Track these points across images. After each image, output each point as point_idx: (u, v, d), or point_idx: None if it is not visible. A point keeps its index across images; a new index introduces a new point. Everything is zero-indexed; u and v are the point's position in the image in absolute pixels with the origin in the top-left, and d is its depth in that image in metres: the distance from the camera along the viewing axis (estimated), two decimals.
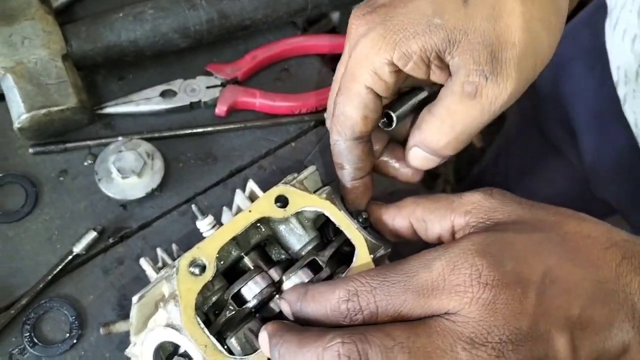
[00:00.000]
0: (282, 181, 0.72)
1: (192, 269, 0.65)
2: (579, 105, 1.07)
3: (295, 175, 0.73)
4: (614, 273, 0.55)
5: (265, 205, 0.69)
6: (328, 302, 0.57)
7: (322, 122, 1.02)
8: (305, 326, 0.58)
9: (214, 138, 0.98)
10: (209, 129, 0.98)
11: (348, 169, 0.71)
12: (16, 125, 0.87)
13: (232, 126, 0.99)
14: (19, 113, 0.86)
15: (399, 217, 0.70)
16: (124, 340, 0.83)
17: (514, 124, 1.38)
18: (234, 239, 0.69)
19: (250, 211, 0.69)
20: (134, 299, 0.65)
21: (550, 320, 0.52)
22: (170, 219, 0.93)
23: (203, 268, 0.66)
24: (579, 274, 0.54)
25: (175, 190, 0.94)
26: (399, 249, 0.73)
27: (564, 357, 0.52)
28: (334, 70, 1.09)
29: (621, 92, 0.97)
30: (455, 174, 2.46)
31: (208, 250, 0.66)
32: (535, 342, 0.51)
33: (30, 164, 0.93)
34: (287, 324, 0.60)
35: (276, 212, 0.69)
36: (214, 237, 0.67)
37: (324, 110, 1.01)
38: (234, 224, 0.68)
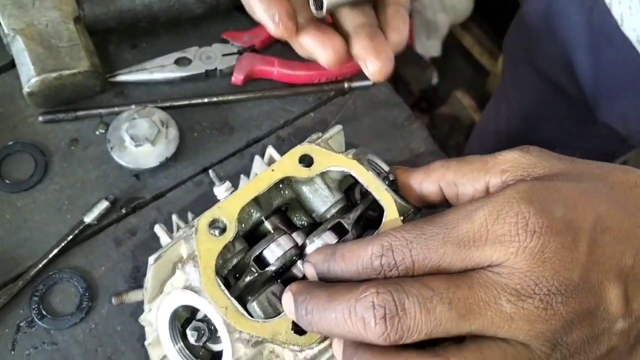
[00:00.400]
0: (307, 140, 0.68)
1: (212, 230, 0.61)
2: (572, 37, 1.04)
3: (320, 134, 0.69)
4: None
5: (288, 165, 0.65)
6: (360, 259, 0.53)
7: (343, 92, 0.99)
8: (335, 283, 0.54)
9: (230, 107, 0.95)
10: (225, 98, 0.94)
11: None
12: (26, 89, 0.83)
13: (249, 95, 0.95)
14: (29, 76, 0.82)
15: (428, 182, 0.66)
16: (136, 312, 0.79)
17: (509, 69, 1.34)
18: (255, 200, 0.65)
19: (273, 170, 0.65)
20: (150, 259, 0.62)
21: (602, 270, 0.48)
22: (185, 190, 0.89)
23: (223, 229, 0.62)
24: (630, 222, 0.50)
25: (190, 160, 0.91)
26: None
27: (616, 310, 0.48)
28: None
29: (616, 12, 0.93)
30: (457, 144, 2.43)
31: (229, 210, 0.62)
32: (586, 294, 0.48)
33: (40, 132, 0.90)
34: (314, 282, 0.56)
35: (300, 172, 0.65)
36: (236, 196, 0.63)
37: (345, 79, 0.98)
38: (257, 182, 0.64)
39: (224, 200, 0.63)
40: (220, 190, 0.71)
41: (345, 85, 0.98)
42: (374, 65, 0.65)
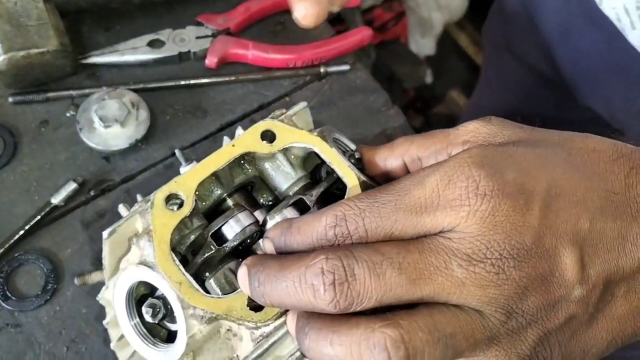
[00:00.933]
0: (270, 116, 0.67)
1: (169, 205, 0.60)
2: (550, 22, 1.02)
3: (284, 110, 0.68)
4: (623, 184, 0.50)
5: (250, 140, 0.64)
6: (314, 230, 0.51)
7: (319, 77, 0.97)
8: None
9: (203, 91, 0.93)
10: (199, 81, 0.93)
11: None
12: None
13: (223, 79, 0.94)
14: None
15: (392, 158, 0.65)
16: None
17: (490, 58, 1.33)
18: (216, 176, 0.64)
19: (234, 145, 0.64)
20: (104, 233, 0.60)
21: (556, 234, 0.47)
22: (155, 172, 0.88)
23: (181, 204, 0.61)
24: (586, 185, 0.49)
25: (161, 143, 0.90)
26: None
27: (572, 276, 0.47)
28: (332, 23, 1.05)
29: None
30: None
31: (187, 184, 0.61)
32: (539, 259, 0.46)
33: (10, 113, 0.89)
34: (268, 254, 0.55)
35: (262, 147, 0.64)
36: (194, 171, 0.62)
37: (321, 64, 0.97)
38: (216, 157, 0.63)
39: (182, 175, 0.62)
40: (187, 170, 0.70)
41: (322, 69, 0.97)
42: (301, 9, 0.66)
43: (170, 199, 0.61)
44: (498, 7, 1.19)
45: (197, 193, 0.62)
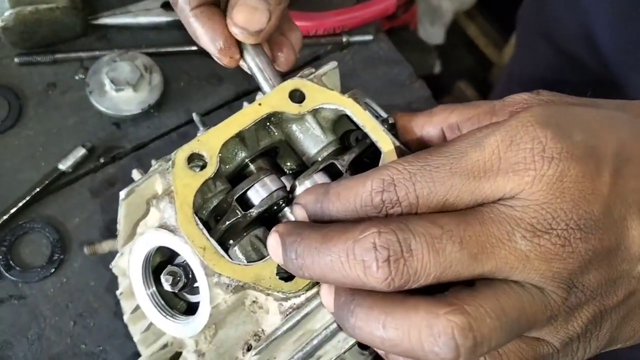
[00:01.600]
0: (298, 74, 0.62)
1: (191, 165, 0.55)
2: (594, 8, 0.98)
3: (313, 70, 0.63)
4: None
5: (277, 99, 0.59)
6: (358, 196, 0.46)
7: (341, 47, 0.93)
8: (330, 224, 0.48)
9: None
10: None
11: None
12: None
13: None
14: (3, 9, 0.76)
15: (430, 125, 0.60)
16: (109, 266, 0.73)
17: (522, 42, 1.28)
18: (240, 137, 0.59)
19: (260, 104, 0.59)
20: (122, 193, 0.56)
21: (625, 204, 0.43)
22: (169, 141, 0.83)
23: (204, 165, 0.56)
24: None
25: (174, 110, 0.85)
26: None
27: (638, 250, 0.43)
28: None
29: None
30: None
31: (211, 144, 0.56)
32: (607, 230, 0.42)
33: (15, 75, 0.84)
34: (304, 222, 0.50)
35: (290, 107, 0.59)
36: (218, 129, 0.57)
37: (343, 33, 0.92)
38: (241, 116, 0.58)
39: (205, 134, 0.57)
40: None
41: (344, 39, 0.92)
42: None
43: (192, 159, 0.56)
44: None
45: (219, 155, 0.57)
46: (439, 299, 0.42)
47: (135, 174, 0.67)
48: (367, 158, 0.61)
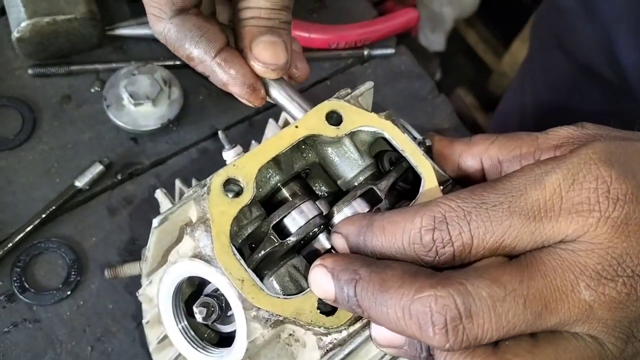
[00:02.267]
0: (335, 95, 0.60)
1: (226, 191, 0.53)
2: (614, 21, 0.96)
3: (349, 90, 0.61)
4: None
5: (315, 121, 0.57)
6: (406, 233, 0.44)
7: (362, 60, 0.91)
8: (383, 260, 0.46)
9: None
10: None
11: (197, 51, 0.57)
12: (15, 34, 0.74)
13: None
14: (19, 20, 0.73)
15: (468, 154, 0.57)
16: (131, 288, 0.71)
17: (537, 53, 1.27)
18: (276, 160, 0.57)
19: (297, 127, 0.56)
20: (155, 221, 0.53)
21: None
22: (188, 157, 0.81)
23: (239, 191, 0.53)
24: None
25: (194, 125, 0.82)
26: None
27: None
28: (375, 3, 0.98)
29: None
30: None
31: (247, 169, 0.54)
32: None
33: (29, 86, 0.81)
34: (356, 257, 0.47)
35: (328, 130, 0.57)
36: (254, 154, 0.55)
37: (365, 46, 0.90)
38: (278, 140, 0.56)
39: (241, 158, 0.54)
40: (230, 154, 0.62)
41: (365, 52, 0.90)
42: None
43: (228, 184, 0.53)
44: (550, 4, 1.12)
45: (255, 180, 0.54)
46: (496, 353, 0.40)
47: (160, 194, 0.64)
48: (402, 181, 0.59)
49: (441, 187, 0.55)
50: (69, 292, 0.71)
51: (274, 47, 0.58)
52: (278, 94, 0.62)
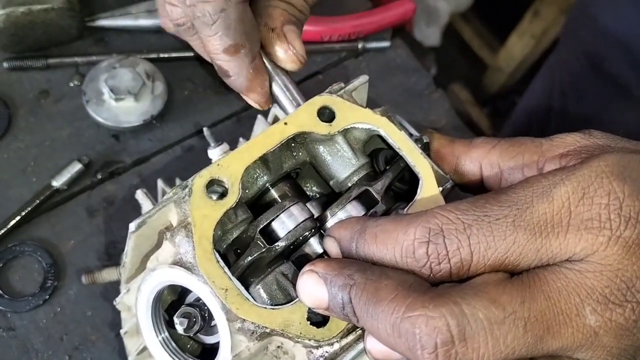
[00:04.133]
0: (327, 90, 0.56)
1: (210, 193, 0.49)
2: None
3: (342, 84, 0.57)
4: None
5: (305, 118, 0.53)
6: (397, 244, 0.41)
7: (356, 54, 0.87)
8: (380, 267, 0.42)
9: None
10: None
11: (247, 46, 0.54)
12: None
13: None
14: None
15: (467, 158, 0.54)
16: (111, 294, 0.67)
17: (564, 63, 1.23)
18: (263, 160, 0.53)
19: (286, 124, 0.53)
20: (132, 225, 0.49)
21: None
22: (172, 155, 0.77)
23: (223, 193, 0.50)
24: None
25: (178, 121, 0.78)
26: None
27: None
28: None
29: None
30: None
31: (232, 169, 0.50)
32: None
33: (5, 81, 0.77)
34: (349, 261, 0.44)
35: (319, 127, 0.53)
36: (239, 153, 0.51)
37: (359, 39, 0.86)
38: (266, 137, 0.52)
39: (226, 157, 0.51)
40: (216, 152, 0.59)
41: (359, 45, 0.86)
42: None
43: (211, 185, 0.49)
44: (579, 14, 1.09)
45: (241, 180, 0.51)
46: None
47: (140, 195, 0.61)
48: (399, 181, 0.56)
49: (440, 189, 0.52)
50: (45, 298, 0.68)
51: (300, 39, 0.57)
52: (274, 86, 0.59)
